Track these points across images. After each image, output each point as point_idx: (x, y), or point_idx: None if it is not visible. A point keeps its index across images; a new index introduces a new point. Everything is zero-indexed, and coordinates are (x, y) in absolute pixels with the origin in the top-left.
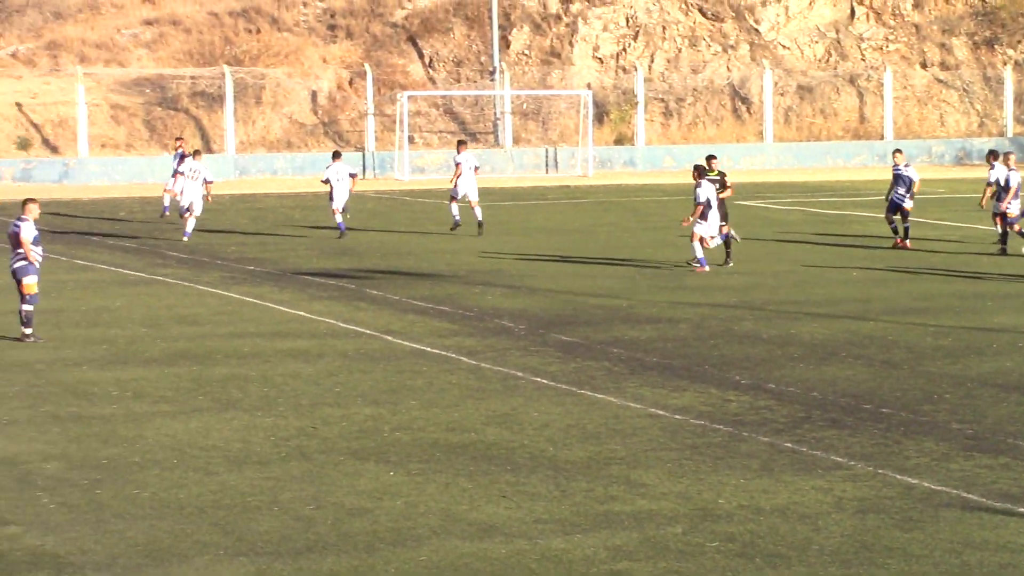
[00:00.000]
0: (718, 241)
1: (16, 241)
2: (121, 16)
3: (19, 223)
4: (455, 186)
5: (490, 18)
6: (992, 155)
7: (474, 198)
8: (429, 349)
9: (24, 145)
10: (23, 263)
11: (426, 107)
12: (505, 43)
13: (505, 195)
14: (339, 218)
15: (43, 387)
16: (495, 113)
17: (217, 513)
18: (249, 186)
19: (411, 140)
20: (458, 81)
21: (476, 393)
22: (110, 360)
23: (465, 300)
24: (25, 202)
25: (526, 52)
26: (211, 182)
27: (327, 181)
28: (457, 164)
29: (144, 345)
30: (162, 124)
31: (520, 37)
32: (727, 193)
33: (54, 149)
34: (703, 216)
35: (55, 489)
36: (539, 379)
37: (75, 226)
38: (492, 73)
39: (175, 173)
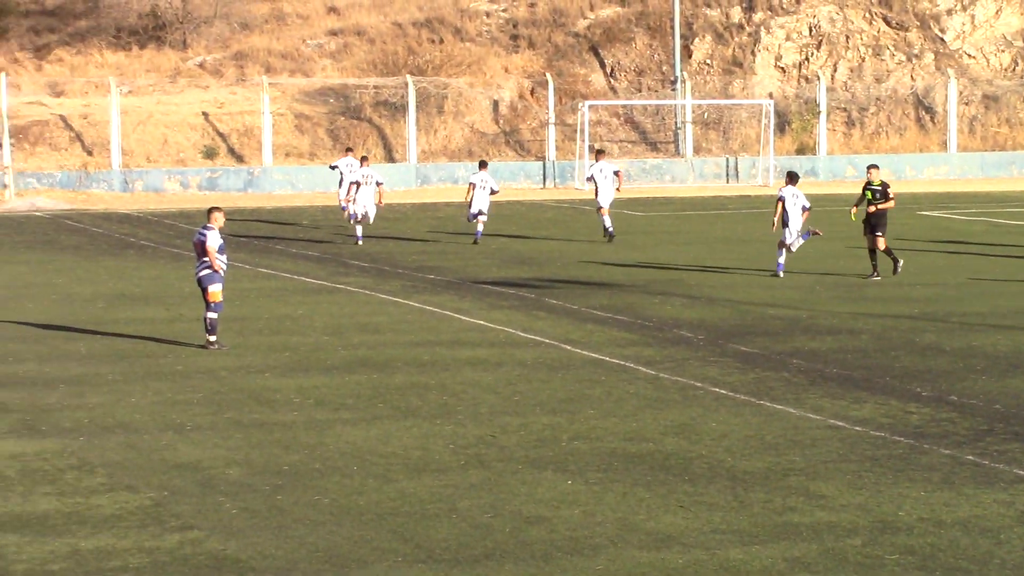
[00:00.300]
0: (798, 244)
1: (202, 250)
2: (306, 27)
3: (204, 232)
4: (596, 197)
5: (672, 28)
6: None
7: (605, 206)
8: (608, 359)
9: (210, 154)
10: (208, 271)
11: (607, 116)
12: (687, 52)
13: (685, 204)
14: (479, 226)
15: (226, 394)
16: (676, 123)
17: (396, 520)
18: (430, 195)
19: (591, 149)
20: (639, 90)
21: (655, 403)
22: (292, 367)
23: (644, 310)
24: (210, 211)
25: (708, 62)
26: (381, 183)
27: (471, 186)
28: (591, 176)
29: (326, 353)
30: (345, 133)
31: (702, 47)
32: (888, 204)
33: (239, 158)
34: (785, 223)
35: (237, 494)
36: (718, 389)
37: (259, 234)
38: (673, 83)
39: (346, 181)
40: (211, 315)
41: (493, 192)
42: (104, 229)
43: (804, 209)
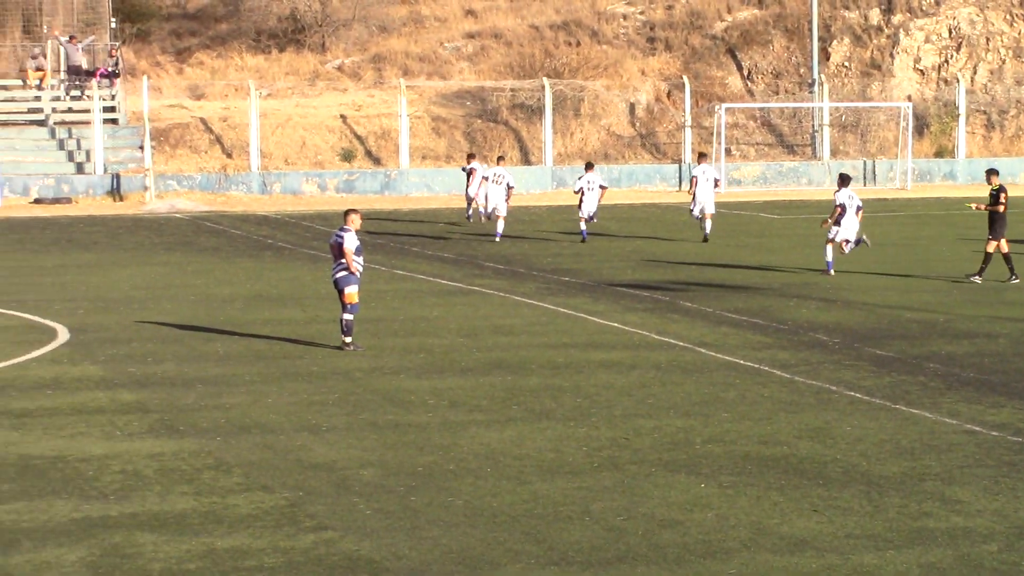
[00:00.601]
0: (852, 246)
1: (339, 251)
2: (444, 30)
3: (341, 233)
4: (693, 199)
5: (810, 30)
6: None
7: (710, 210)
8: (742, 362)
9: (348, 156)
10: (345, 273)
11: (743, 119)
12: (825, 55)
13: (822, 208)
14: (583, 225)
15: (361, 395)
16: (813, 125)
17: (529, 522)
18: (565, 197)
19: (728, 152)
20: (776, 93)
21: (789, 406)
22: (427, 369)
23: (779, 313)
24: (347, 213)
25: (846, 64)
26: (512, 187)
27: (579, 191)
28: (693, 178)
29: (460, 355)
30: (481, 136)
31: (840, 49)
32: (996, 207)
33: (376, 160)
34: (837, 222)
35: (371, 495)
36: (853, 393)
37: (395, 236)
38: (811, 85)
39: (476, 179)
40: (347, 316)
41: (602, 187)
42: (242, 231)
43: (858, 208)
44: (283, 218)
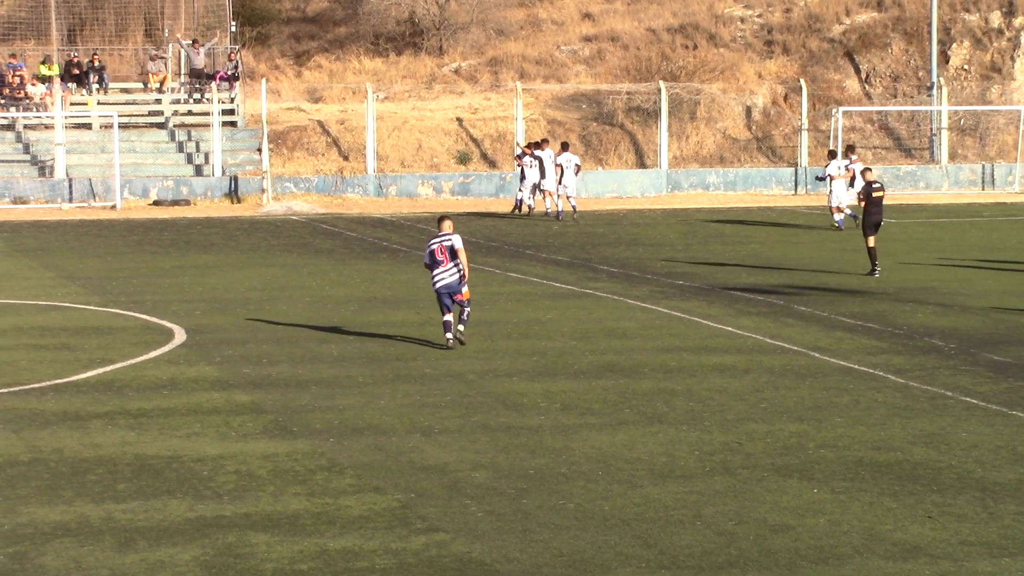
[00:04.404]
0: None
1: (451, 254)
2: (561, 33)
3: (451, 237)
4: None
5: (929, 33)
6: None
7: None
8: (856, 367)
9: (463, 159)
10: (458, 276)
11: (861, 122)
12: (944, 58)
13: (939, 212)
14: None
15: (474, 397)
16: (931, 129)
17: (640, 526)
18: (680, 201)
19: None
20: (894, 96)
21: (903, 412)
22: (540, 372)
23: (894, 317)
24: (442, 219)
25: (965, 67)
26: (580, 166)
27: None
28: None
29: (573, 358)
30: (597, 139)
31: (960, 52)
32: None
33: (492, 163)
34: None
35: (483, 498)
36: (969, 399)
37: (510, 239)
38: (930, 88)
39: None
40: (469, 309)
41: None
42: (358, 233)
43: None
44: (398, 220)
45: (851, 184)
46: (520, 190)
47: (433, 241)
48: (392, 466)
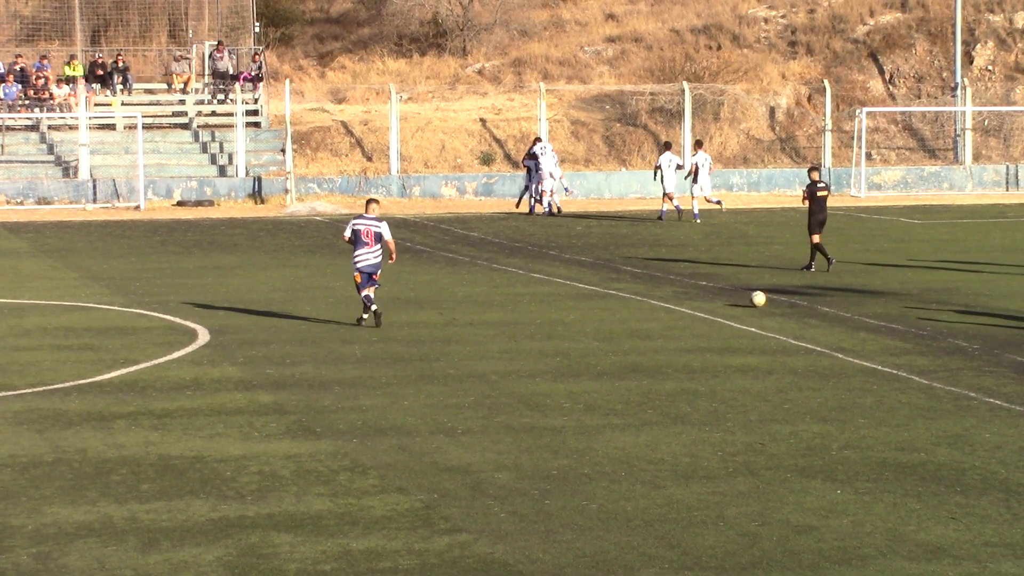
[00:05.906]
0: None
1: (379, 239)
2: (584, 33)
3: (380, 222)
4: None
5: (953, 33)
6: None
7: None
8: (880, 367)
9: (487, 160)
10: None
11: (884, 123)
12: (968, 58)
13: (963, 212)
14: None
15: (497, 398)
16: (955, 129)
17: (663, 527)
18: (702, 202)
19: (868, 156)
20: (918, 97)
21: (927, 413)
22: (563, 372)
23: (918, 318)
24: (370, 202)
25: (989, 68)
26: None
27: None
28: None
29: (596, 358)
30: (620, 140)
31: (984, 52)
32: None
33: (515, 164)
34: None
35: (506, 498)
36: (993, 400)
37: (533, 240)
38: (954, 89)
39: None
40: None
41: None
42: None
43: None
44: (422, 221)
45: (694, 179)
46: (541, 192)
47: (359, 222)
48: (415, 467)
